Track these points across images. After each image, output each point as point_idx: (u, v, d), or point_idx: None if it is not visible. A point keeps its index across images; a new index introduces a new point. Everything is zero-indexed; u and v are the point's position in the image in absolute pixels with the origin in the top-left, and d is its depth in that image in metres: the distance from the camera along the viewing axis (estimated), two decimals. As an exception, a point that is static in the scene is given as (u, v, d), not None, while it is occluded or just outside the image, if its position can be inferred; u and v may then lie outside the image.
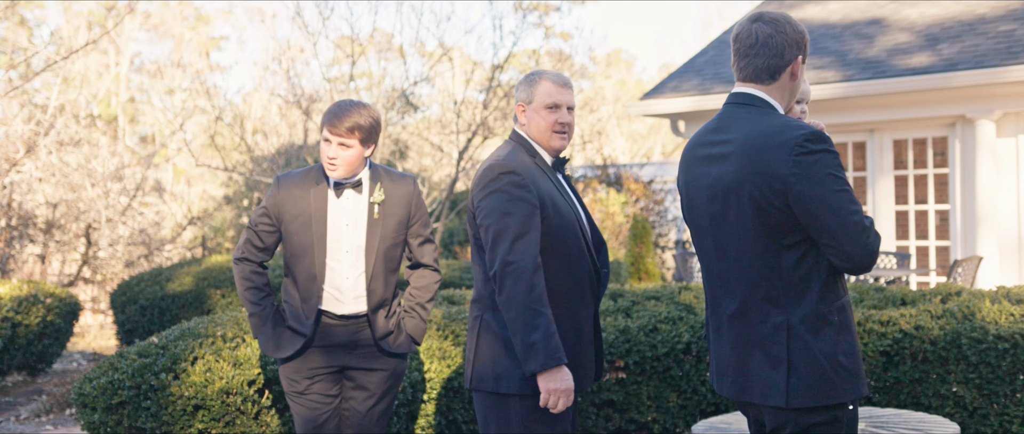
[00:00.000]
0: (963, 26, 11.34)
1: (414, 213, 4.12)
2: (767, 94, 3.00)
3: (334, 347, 4.06)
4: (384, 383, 4.11)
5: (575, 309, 3.44)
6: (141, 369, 4.87)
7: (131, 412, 4.80)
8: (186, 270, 10.27)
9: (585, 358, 3.49)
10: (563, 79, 3.58)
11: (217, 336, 5.12)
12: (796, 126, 2.83)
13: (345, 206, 4.02)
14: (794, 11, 13.50)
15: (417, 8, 24.83)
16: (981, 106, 10.45)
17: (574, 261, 3.43)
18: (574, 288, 3.44)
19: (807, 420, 2.84)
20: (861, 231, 2.76)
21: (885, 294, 6.21)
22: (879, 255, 2.86)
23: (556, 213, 3.40)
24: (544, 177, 3.46)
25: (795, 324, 2.84)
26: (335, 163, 3.92)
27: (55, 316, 9.03)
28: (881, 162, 11.37)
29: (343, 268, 4.01)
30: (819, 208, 2.76)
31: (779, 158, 2.79)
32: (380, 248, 4.01)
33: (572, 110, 3.56)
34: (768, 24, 3.01)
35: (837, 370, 2.82)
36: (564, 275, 3.41)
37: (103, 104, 27.08)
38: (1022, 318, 5.25)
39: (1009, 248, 10.53)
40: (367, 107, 3.98)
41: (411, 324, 4.13)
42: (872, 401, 5.41)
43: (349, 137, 3.88)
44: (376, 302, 4.05)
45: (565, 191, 3.54)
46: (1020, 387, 5.09)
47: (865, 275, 9.66)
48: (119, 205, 13.81)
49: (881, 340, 5.37)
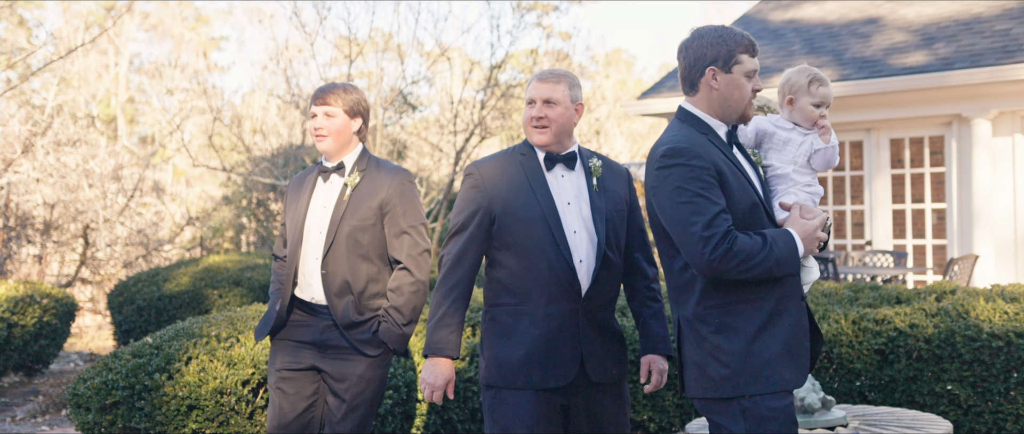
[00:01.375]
0: (959, 25, 11.34)
1: (393, 201, 4.00)
2: (693, 104, 3.16)
3: (302, 345, 4.00)
4: (355, 388, 3.91)
5: (531, 305, 3.47)
6: (135, 369, 4.87)
7: (125, 412, 4.80)
8: (183, 270, 10.26)
9: (559, 354, 3.46)
10: (544, 74, 3.61)
11: (211, 336, 5.12)
12: (665, 142, 3.03)
13: (326, 190, 4.08)
14: (791, 11, 13.50)
15: (414, 8, 24.81)
16: (977, 105, 10.45)
17: (542, 260, 3.47)
18: (548, 285, 3.47)
19: (707, 410, 3.08)
20: (696, 241, 2.90)
21: (880, 293, 6.22)
22: (744, 268, 2.92)
23: (511, 213, 3.50)
24: (519, 173, 3.55)
25: (682, 323, 3.13)
26: (322, 132, 4.01)
27: (52, 317, 9.03)
28: (878, 161, 11.37)
29: (312, 249, 4.02)
30: (666, 219, 3.01)
31: (649, 171, 3.08)
32: (343, 229, 3.95)
33: (551, 103, 3.54)
34: (691, 33, 3.15)
35: (714, 368, 3.01)
36: (527, 271, 3.49)
37: (103, 104, 27.08)
38: (1016, 316, 5.26)
39: (1005, 246, 10.53)
40: (353, 86, 4.13)
41: (383, 328, 3.96)
42: (867, 399, 5.41)
43: (333, 105, 3.99)
44: (337, 288, 3.94)
45: (540, 186, 3.53)
46: (1014, 385, 5.09)
47: (862, 274, 9.66)
48: (117, 205, 13.81)
49: (876, 338, 5.37)
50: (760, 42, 12.69)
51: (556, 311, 3.46)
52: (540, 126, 3.55)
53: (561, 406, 3.49)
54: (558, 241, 3.46)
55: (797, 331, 3.05)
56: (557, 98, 3.55)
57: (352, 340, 3.92)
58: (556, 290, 3.46)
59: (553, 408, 3.46)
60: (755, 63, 3.10)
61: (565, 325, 3.46)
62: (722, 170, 3.01)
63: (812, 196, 3.25)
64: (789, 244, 2.99)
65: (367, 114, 4.15)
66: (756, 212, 3.06)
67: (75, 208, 13.23)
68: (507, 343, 3.50)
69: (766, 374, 2.96)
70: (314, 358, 3.99)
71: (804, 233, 3.04)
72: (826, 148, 3.27)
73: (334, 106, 4.01)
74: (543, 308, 3.47)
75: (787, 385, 2.99)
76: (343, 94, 4.04)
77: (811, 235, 3.05)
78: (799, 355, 3.03)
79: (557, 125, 3.54)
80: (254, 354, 4.90)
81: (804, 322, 3.09)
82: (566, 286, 3.46)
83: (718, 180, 2.99)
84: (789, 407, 3.00)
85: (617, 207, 3.60)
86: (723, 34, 3.08)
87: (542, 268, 3.46)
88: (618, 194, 3.63)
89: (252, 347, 5.01)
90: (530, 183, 3.53)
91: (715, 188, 2.96)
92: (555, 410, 3.47)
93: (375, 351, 3.94)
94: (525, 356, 3.45)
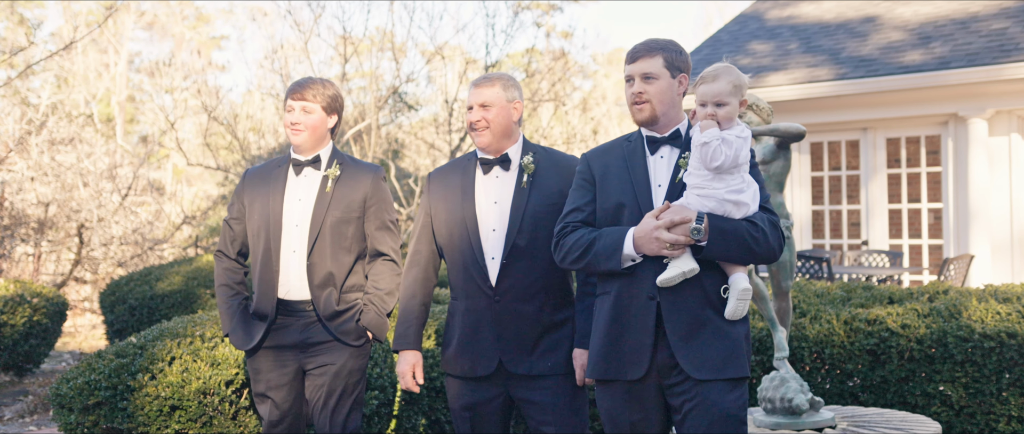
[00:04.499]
0: (956, 24, 11.29)
1: (372, 195, 4.06)
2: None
3: (284, 350, 4.00)
4: (338, 378, 3.95)
5: (461, 300, 3.74)
6: (118, 369, 4.82)
7: (107, 413, 4.75)
8: (176, 270, 10.21)
9: (480, 347, 3.67)
10: (478, 79, 3.81)
11: (196, 336, 5.07)
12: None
13: (301, 183, 4.06)
14: (788, 9, 13.46)
15: (409, 7, 24.75)
16: (974, 104, 10.40)
17: (459, 259, 3.71)
18: (464, 282, 3.72)
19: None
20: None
21: (873, 293, 6.17)
22: (568, 259, 3.39)
23: (440, 217, 3.77)
24: (459, 179, 3.77)
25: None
26: (298, 127, 4.00)
27: (42, 316, 8.98)
28: (874, 160, 11.32)
29: (291, 242, 3.99)
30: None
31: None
32: (327, 221, 3.97)
33: (487, 107, 3.69)
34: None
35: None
36: (453, 269, 3.76)
37: (103, 103, 27.04)
38: (1008, 317, 5.21)
39: (1001, 246, 10.49)
40: (330, 81, 4.13)
41: (366, 317, 4.01)
42: (859, 400, 5.36)
43: (311, 101, 4.00)
44: (320, 279, 3.95)
45: (470, 189, 3.73)
46: (1006, 385, 5.04)
47: (858, 274, 9.62)
48: (111, 204, 13.76)
49: (868, 339, 5.32)
50: (757, 41, 12.65)
51: (474, 306, 3.69)
52: (478, 129, 3.71)
53: (500, 394, 3.70)
54: (473, 240, 3.68)
55: (618, 324, 3.25)
56: (492, 100, 3.69)
57: (335, 331, 3.96)
58: (471, 286, 3.69)
59: (489, 395, 3.70)
60: (628, 70, 3.36)
61: (483, 319, 3.67)
62: (606, 172, 3.36)
63: (702, 199, 3.17)
64: (613, 242, 3.22)
65: (342, 110, 4.18)
66: (620, 211, 3.30)
67: (70, 207, 13.19)
68: (448, 333, 3.81)
69: (591, 362, 3.35)
70: (297, 359, 4.01)
71: (640, 233, 3.17)
72: (699, 145, 3.19)
73: (312, 101, 4.01)
74: (464, 303, 3.73)
75: (594, 374, 3.32)
76: (321, 89, 4.04)
77: (648, 234, 3.15)
78: (617, 348, 3.25)
79: (495, 125, 3.68)
80: (238, 354, 4.85)
81: (643, 318, 3.21)
82: (480, 282, 3.67)
83: (591, 181, 3.39)
84: (610, 399, 3.31)
85: (547, 201, 3.67)
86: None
87: (461, 266, 3.72)
88: (554, 189, 3.69)
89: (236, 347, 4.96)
90: (463, 188, 3.76)
91: (579, 189, 3.42)
92: (491, 398, 3.70)
93: (358, 341, 4.00)
94: (457, 346, 3.73)
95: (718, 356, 3.16)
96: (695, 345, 3.16)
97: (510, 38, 13.14)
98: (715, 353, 3.16)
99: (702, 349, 3.16)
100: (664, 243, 3.13)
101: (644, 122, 3.35)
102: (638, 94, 3.32)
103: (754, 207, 3.22)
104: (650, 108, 3.32)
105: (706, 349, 3.16)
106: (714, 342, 3.16)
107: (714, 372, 3.14)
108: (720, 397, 3.15)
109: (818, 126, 11.54)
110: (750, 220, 3.20)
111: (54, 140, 13.19)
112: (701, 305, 3.18)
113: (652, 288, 3.19)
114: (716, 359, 3.15)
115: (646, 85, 3.31)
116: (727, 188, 3.18)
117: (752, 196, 3.22)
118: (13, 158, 12.45)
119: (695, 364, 3.15)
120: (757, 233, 3.18)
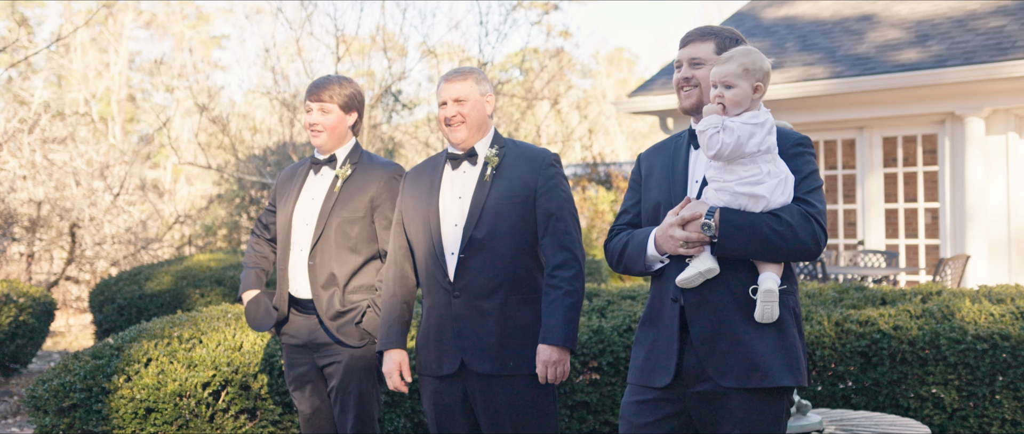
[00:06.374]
0: (953, 22, 11.20)
1: (380, 194, 4.02)
2: None
3: (297, 349, 4.05)
4: (343, 380, 3.96)
5: (426, 298, 3.73)
6: (93, 371, 4.73)
7: (82, 415, 4.66)
8: (166, 269, 10.13)
9: (442, 344, 3.63)
10: (450, 74, 3.73)
11: (173, 337, 4.98)
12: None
13: (317, 182, 4.09)
14: (785, 8, 13.37)
15: (401, 5, 24.70)
16: (971, 103, 10.31)
17: (423, 254, 3.68)
18: (427, 279, 3.69)
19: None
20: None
21: (865, 293, 6.08)
22: (612, 262, 3.31)
23: (408, 215, 3.75)
24: (428, 177, 3.73)
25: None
26: (317, 128, 4.02)
27: (29, 316, 8.90)
28: (870, 159, 11.23)
29: (300, 240, 4.01)
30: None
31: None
32: (332, 221, 3.96)
33: (461, 101, 3.64)
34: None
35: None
36: (419, 265, 3.72)
37: (103, 102, 26.99)
38: (1002, 318, 5.12)
39: (998, 246, 10.39)
40: (347, 79, 4.13)
41: (367, 319, 3.99)
42: (851, 403, 5.28)
43: (328, 101, 4.00)
44: (323, 279, 3.95)
45: (435, 186, 3.68)
46: (999, 388, 4.96)
47: (853, 274, 9.53)
48: (103, 204, 13.68)
49: (859, 340, 5.23)
50: (753, 40, 12.55)
51: (437, 303, 3.65)
52: (453, 124, 3.65)
53: (462, 392, 3.63)
54: (434, 236, 3.63)
55: (651, 328, 3.13)
56: (466, 95, 3.65)
57: (336, 333, 3.95)
58: (433, 283, 3.65)
59: (452, 394, 3.63)
60: (678, 55, 3.18)
61: (445, 316, 3.62)
62: (651, 171, 3.21)
63: (718, 193, 2.98)
64: (639, 244, 3.10)
65: (362, 108, 4.18)
66: (658, 211, 3.13)
67: (62, 206, 13.11)
68: (419, 333, 3.76)
69: (630, 367, 3.21)
70: (311, 358, 4.06)
71: (659, 232, 3.04)
72: (698, 133, 2.99)
73: (329, 102, 4.01)
74: (429, 299, 3.69)
75: (632, 378, 3.16)
76: (338, 89, 4.03)
77: (664, 233, 3.00)
78: (653, 356, 3.10)
79: (471, 120, 3.64)
80: (215, 356, 4.76)
81: (668, 322, 3.06)
82: (440, 278, 3.62)
83: (639, 181, 3.27)
84: (627, 405, 3.14)
85: (510, 194, 3.59)
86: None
87: (425, 262, 3.67)
88: (517, 181, 3.60)
89: (214, 348, 4.88)
90: (431, 184, 3.71)
91: (629, 191, 3.33)
92: (454, 396, 3.63)
93: (359, 342, 3.98)
94: (422, 343, 3.70)
95: (743, 363, 2.91)
96: (721, 350, 2.94)
97: (503, 37, 13.06)
98: (740, 359, 2.92)
99: (729, 355, 2.93)
100: (678, 241, 2.95)
101: (690, 109, 3.14)
102: (685, 79, 3.11)
103: (778, 199, 2.95)
104: (698, 94, 3.09)
105: (733, 355, 2.93)
106: (740, 347, 2.92)
107: (739, 380, 2.91)
108: (745, 411, 2.92)
109: (814, 125, 11.45)
110: (774, 213, 2.92)
111: (47, 138, 13.11)
112: (729, 307, 2.95)
113: (676, 290, 3.00)
114: (742, 366, 2.91)
115: (694, 70, 3.09)
116: (738, 180, 2.95)
117: (773, 188, 2.94)
118: (5, 156, 12.38)
119: (721, 370, 2.93)
120: (780, 227, 2.90)
